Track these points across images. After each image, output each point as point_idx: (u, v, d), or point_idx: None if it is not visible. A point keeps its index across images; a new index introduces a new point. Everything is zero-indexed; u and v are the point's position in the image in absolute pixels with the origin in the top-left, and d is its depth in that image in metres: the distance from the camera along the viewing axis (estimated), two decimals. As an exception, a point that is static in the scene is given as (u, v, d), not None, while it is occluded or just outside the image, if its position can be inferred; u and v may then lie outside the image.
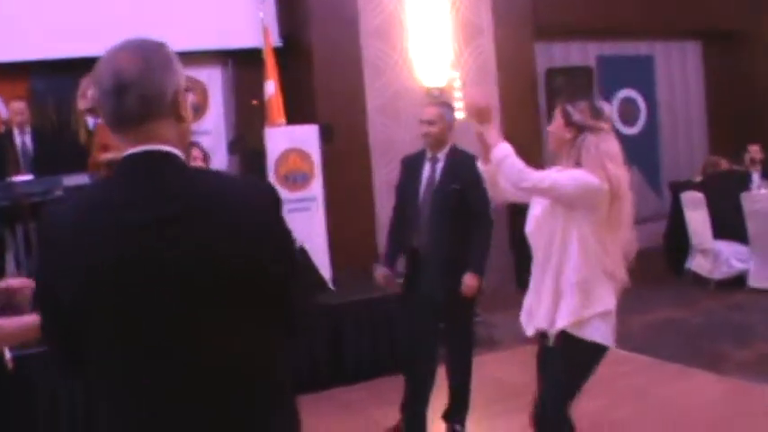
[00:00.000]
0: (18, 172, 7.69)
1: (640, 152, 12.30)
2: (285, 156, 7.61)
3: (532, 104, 10.55)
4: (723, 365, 6.74)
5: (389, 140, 9.49)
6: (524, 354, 7.62)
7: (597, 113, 3.84)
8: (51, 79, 9.49)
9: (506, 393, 6.40)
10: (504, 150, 3.93)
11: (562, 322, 3.88)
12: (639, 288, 9.15)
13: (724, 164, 10.58)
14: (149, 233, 1.88)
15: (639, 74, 12.56)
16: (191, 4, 9.37)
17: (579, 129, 3.82)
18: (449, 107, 5.70)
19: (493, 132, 4.03)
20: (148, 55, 1.98)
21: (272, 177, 7.16)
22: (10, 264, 7.87)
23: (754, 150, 10.47)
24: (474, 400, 5.63)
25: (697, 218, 9.76)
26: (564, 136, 3.87)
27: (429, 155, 5.47)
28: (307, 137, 7.89)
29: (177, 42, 7.99)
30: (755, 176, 10.28)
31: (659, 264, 10.35)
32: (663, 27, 12.28)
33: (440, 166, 5.42)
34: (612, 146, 3.84)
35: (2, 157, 7.85)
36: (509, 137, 9.96)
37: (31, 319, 2.80)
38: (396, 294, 6.15)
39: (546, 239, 3.92)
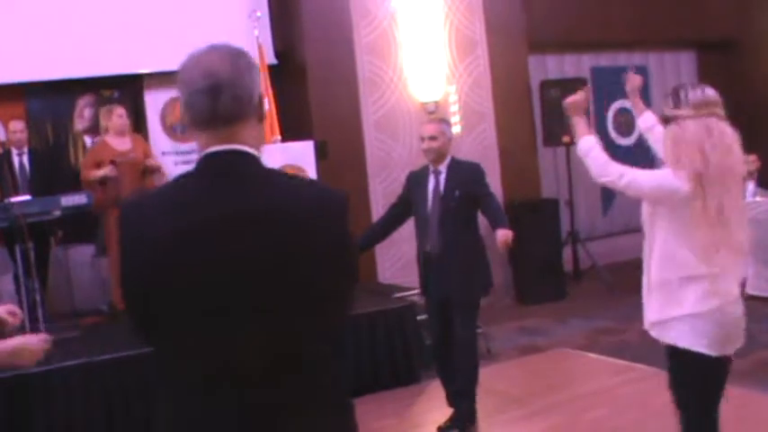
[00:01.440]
0: (16, 192, 7.71)
1: (635, 162, 12.22)
2: (282, 172, 7.66)
3: (527, 116, 10.58)
4: (721, 373, 6.74)
5: (385, 156, 9.53)
6: (523, 365, 7.69)
7: (677, 101, 3.71)
8: (48, 100, 9.54)
9: (507, 404, 6.43)
10: (587, 143, 3.95)
11: (646, 322, 3.89)
12: (636, 297, 9.17)
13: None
14: (224, 228, 1.98)
15: (634, 84, 12.59)
16: (185, 22, 9.38)
17: (666, 121, 3.75)
18: (447, 123, 6.14)
19: (580, 125, 4.06)
20: (237, 58, 2.08)
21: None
22: (8, 284, 7.89)
23: (751, 160, 10.47)
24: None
25: (693, 227, 9.77)
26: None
27: (432, 168, 5.88)
28: (302, 153, 7.93)
29: (172, 60, 7.96)
30: (750, 185, 10.29)
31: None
32: (656, 38, 12.35)
33: (442, 177, 5.86)
34: (689, 130, 3.64)
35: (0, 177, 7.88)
36: (504, 147, 10.04)
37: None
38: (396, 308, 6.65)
39: (644, 232, 3.91)
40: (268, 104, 8.35)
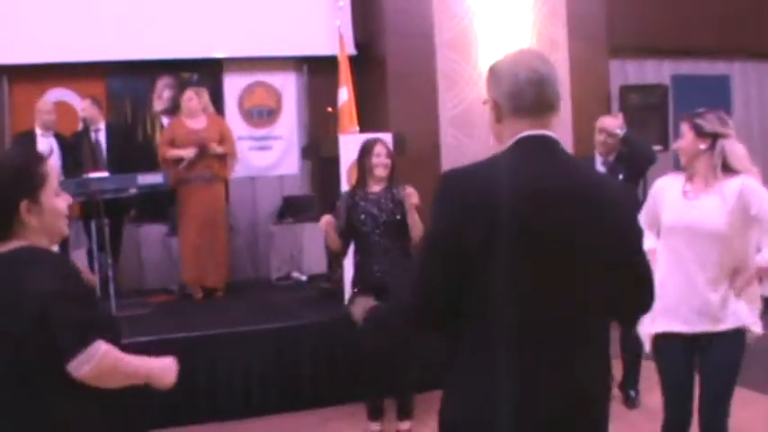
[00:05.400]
0: (95, 169, 7.78)
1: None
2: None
3: (605, 122, 10.45)
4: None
5: (460, 152, 9.44)
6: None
7: (724, 122, 4.16)
8: (128, 80, 9.67)
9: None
10: (765, 263, 4.12)
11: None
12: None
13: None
14: (548, 199, 2.33)
15: (715, 94, 12.36)
16: (268, 12, 9.45)
17: (713, 137, 4.11)
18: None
19: (750, 278, 4.17)
20: (547, 60, 2.47)
21: (344, 184, 7.14)
22: (81, 259, 7.98)
23: None
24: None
25: (770, 242, 9.59)
26: (697, 147, 4.15)
27: (601, 160, 6.59)
28: (380, 145, 7.87)
29: (254, 48, 8.12)
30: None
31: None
32: (740, 47, 12.12)
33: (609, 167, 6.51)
34: (743, 149, 4.18)
35: (79, 153, 7.97)
36: (579, 154, 9.88)
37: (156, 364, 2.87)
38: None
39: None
40: (347, 94, 8.35)
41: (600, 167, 6.58)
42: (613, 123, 6.62)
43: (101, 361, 2.57)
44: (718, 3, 11.68)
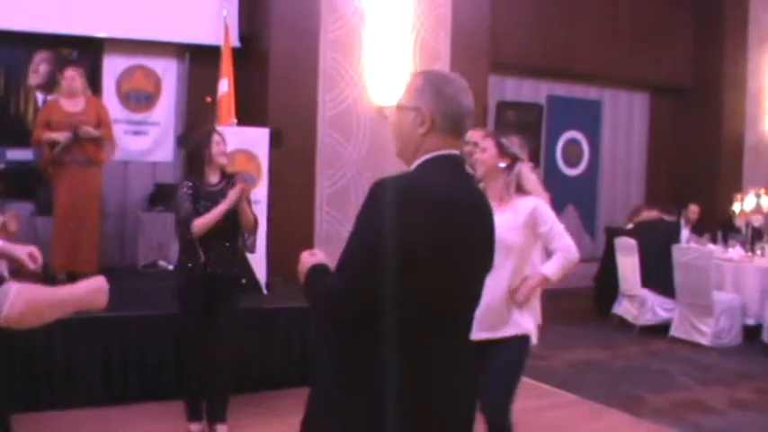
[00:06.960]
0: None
1: (580, 193, 12.54)
2: (233, 156, 7.59)
3: (480, 134, 10.65)
4: (639, 409, 6.87)
5: (336, 153, 9.53)
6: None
7: (523, 147, 4.53)
8: (3, 50, 9.37)
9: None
10: (551, 274, 4.45)
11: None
12: (566, 326, 9.29)
13: (654, 213, 10.72)
14: (477, 206, 2.68)
15: (586, 117, 12.80)
16: (154, -5, 9.35)
17: (514, 159, 4.42)
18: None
19: (535, 286, 4.48)
20: None
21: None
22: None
23: (693, 210, 10.95)
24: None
25: (628, 264, 9.94)
26: (497, 164, 4.43)
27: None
28: (257, 139, 7.89)
29: (136, 30, 7.95)
30: (685, 232, 10.56)
31: (587, 305, 10.54)
32: (614, 75, 12.56)
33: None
34: (536, 176, 4.62)
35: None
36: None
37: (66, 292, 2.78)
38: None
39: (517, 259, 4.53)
40: (228, 86, 8.31)
41: None
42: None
43: (16, 299, 2.47)
44: (597, 31, 12.10)
